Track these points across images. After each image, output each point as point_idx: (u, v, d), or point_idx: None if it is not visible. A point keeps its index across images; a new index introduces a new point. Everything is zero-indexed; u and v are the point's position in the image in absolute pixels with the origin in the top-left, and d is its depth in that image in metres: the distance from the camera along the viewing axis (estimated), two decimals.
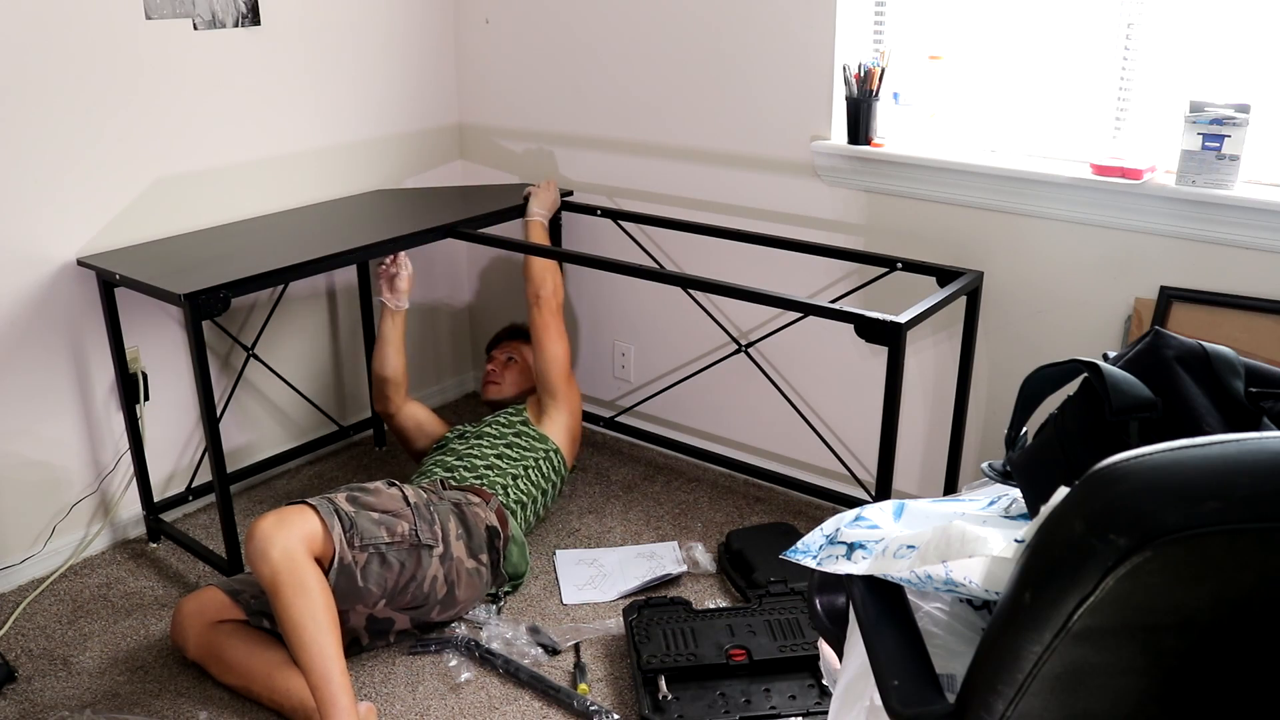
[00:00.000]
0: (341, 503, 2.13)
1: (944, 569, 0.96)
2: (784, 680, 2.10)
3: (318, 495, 2.14)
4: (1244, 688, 0.81)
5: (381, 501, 2.18)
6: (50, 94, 2.37)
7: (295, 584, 1.95)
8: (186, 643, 2.17)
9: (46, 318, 2.48)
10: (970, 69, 2.46)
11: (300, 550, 1.98)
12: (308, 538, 2.01)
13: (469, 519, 2.29)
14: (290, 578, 1.95)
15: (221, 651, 2.12)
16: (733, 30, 2.68)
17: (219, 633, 2.15)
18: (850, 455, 2.81)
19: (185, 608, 2.19)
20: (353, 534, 2.07)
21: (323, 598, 1.97)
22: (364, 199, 3.04)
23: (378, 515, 2.14)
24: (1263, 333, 2.11)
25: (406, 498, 2.23)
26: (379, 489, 2.23)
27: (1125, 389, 1.00)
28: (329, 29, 2.90)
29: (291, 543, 1.97)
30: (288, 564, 1.95)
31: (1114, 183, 2.19)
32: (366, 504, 2.16)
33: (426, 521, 2.20)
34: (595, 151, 3.06)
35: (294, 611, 1.94)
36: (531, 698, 2.14)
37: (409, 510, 2.20)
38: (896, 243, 2.57)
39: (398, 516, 2.17)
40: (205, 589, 2.23)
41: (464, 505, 2.32)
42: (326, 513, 2.06)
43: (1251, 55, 2.13)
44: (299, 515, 2.04)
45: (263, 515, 2.03)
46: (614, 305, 3.19)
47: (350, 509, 2.11)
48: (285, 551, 1.96)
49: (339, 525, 2.06)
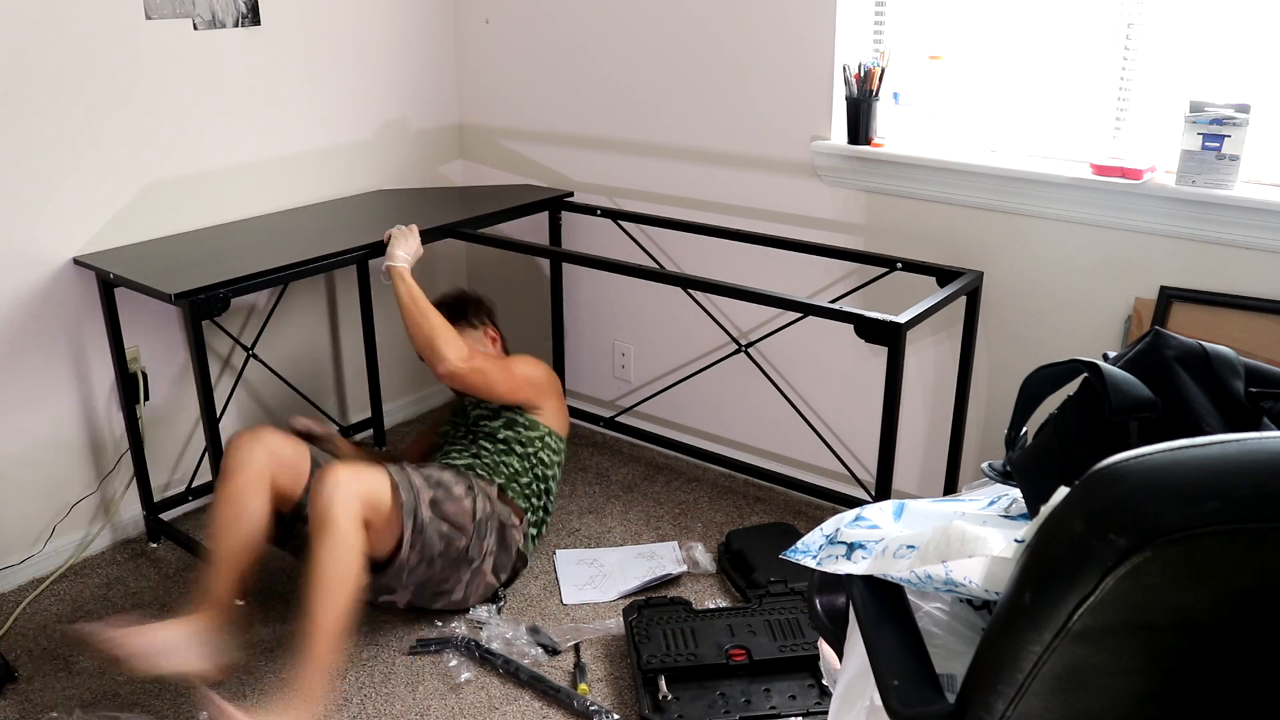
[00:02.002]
0: (424, 504, 2.16)
1: (944, 569, 0.96)
2: (784, 680, 2.10)
3: (405, 471, 2.19)
4: (1244, 688, 0.81)
5: (456, 512, 2.23)
6: (50, 94, 2.37)
7: (347, 542, 1.98)
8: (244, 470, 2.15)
9: (46, 318, 2.48)
10: (970, 69, 2.46)
11: (360, 508, 2.02)
12: (373, 511, 2.06)
13: (508, 541, 2.37)
14: (345, 531, 1.98)
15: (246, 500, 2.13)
16: (733, 30, 2.68)
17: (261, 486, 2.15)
18: (850, 455, 2.81)
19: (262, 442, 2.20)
20: (417, 538, 2.14)
21: (359, 563, 2.00)
22: (364, 199, 3.04)
23: (446, 529, 2.20)
24: (1263, 333, 2.11)
25: (475, 510, 2.27)
26: (460, 497, 2.26)
27: (1125, 389, 1.00)
28: (329, 29, 2.90)
29: (354, 500, 2.01)
30: (350, 522, 1.99)
31: (1114, 183, 2.19)
32: (444, 513, 2.20)
33: (480, 539, 2.27)
34: (595, 151, 3.06)
35: (330, 553, 1.97)
36: (531, 698, 2.14)
37: (471, 526, 2.25)
38: (896, 243, 2.57)
39: (461, 531, 2.23)
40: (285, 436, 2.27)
41: (508, 526, 2.37)
42: (407, 510, 2.12)
43: (1251, 55, 2.13)
44: (373, 484, 2.09)
45: (334, 464, 2.09)
46: (614, 305, 3.18)
47: (428, 515, 2.16)
48: (347, 510, 2.00)
49: (410, 526, 2.12)
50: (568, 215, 3.10)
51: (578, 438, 3.27)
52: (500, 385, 2.50)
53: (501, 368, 2.52)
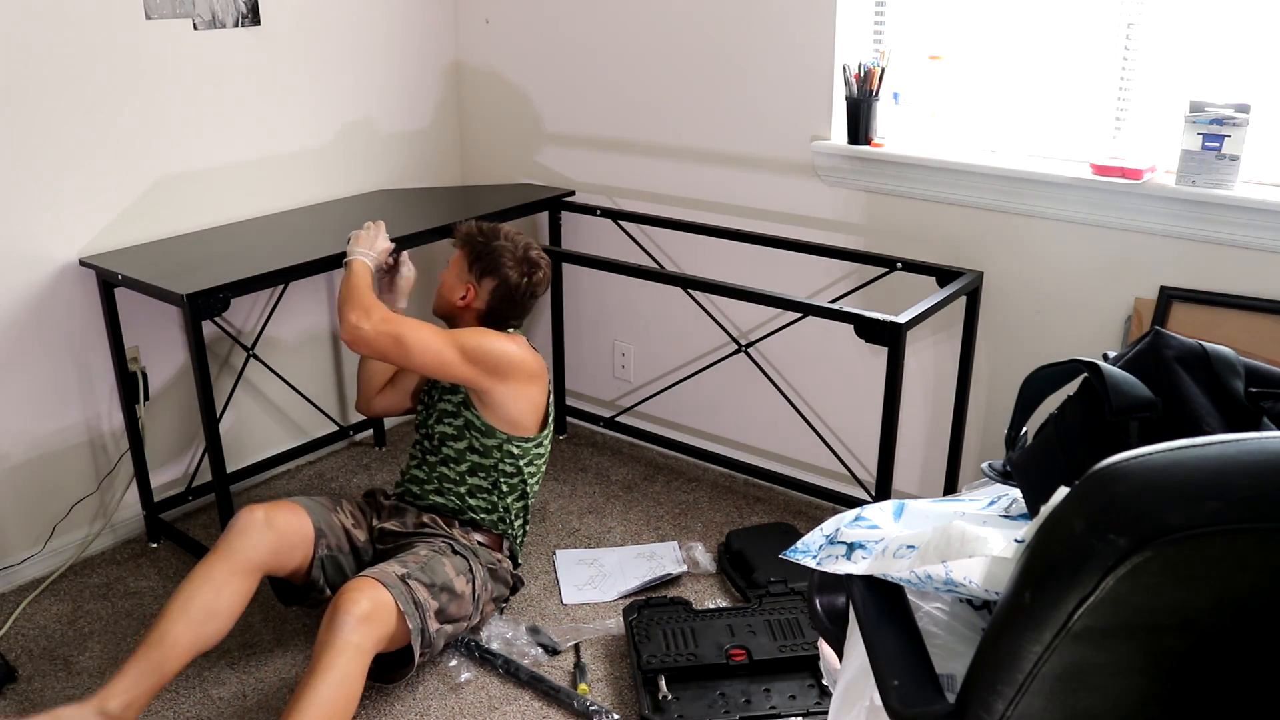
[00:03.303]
0: (430, 618, 2.04)
1: (944, 569, 0.96)
2: (784, 680, 2.10)
3: (409, 589, 2.01)
4: (1244, 688, 0.81)
5: (460, 609, 2.13)
6: (51, 94, 2.37)
7: (352, 669, 1.87)
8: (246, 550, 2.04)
9: (47, 318, 2.48)
10: (970, 69, 2.46)
11: (375, 644, 1.92)
12: (386, 638, 1.96)
13: (500, 575, 2.29)
14: (353, 661, 1.87)
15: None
16: (733, 30, 2.68)
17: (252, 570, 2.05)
18: (850, 455, 2.81)
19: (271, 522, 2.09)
20: (426, 651, 2.04)
21: (354, 698, 1.89)
22: (364, 199, 3.04)
23: (450, 629, 2.12)
24: (1263, 333, 2.11)
25: (474, 590, 2.17)
26: (462, 592, 2.13)
27: (1125, 389, 1.00)
28: (329, 29, 2.90)
29: (371, 635, 1.90)
30: (359, 651, 1.88)
31: (1114, 183, 2.19)
32: (449, 615, 2.10)
33: (479, 607, 2.20)
34: (595, 151, 3.06)
35: (332, 677, 1.85)
36: (531, 698, 2.14)
37: (473, 605, 2.17)
38: (896, 243, 2.57)
39: (464, 617, 2.15)
40: (295, 510, 2.15)
41: (498, 569, 2.28)
42: (415, 633, 2.00)
43: (1251, 55, 2.13)
44: (390, 617, 1.95)
45: (359, 586, 1.94)
46: (614, 305, 3.18)
47: (435, 626, 2.05)
48: (361, 642, 1.89)
49: (419, 644, 2.01)
50: (568, 215, 3.10)
51: (577, 437, 3.27)
52: (423, 355, 2.14)
53: (433, 334, 2.16)
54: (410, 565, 2.07)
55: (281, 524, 2.10)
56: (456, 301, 2.32)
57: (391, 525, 2.27)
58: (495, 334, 2.25)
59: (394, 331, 2.13)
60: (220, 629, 1.99)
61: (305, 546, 2.14)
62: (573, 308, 3.25)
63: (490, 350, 2.20)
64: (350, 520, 2.26)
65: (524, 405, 2.27)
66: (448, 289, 2.34)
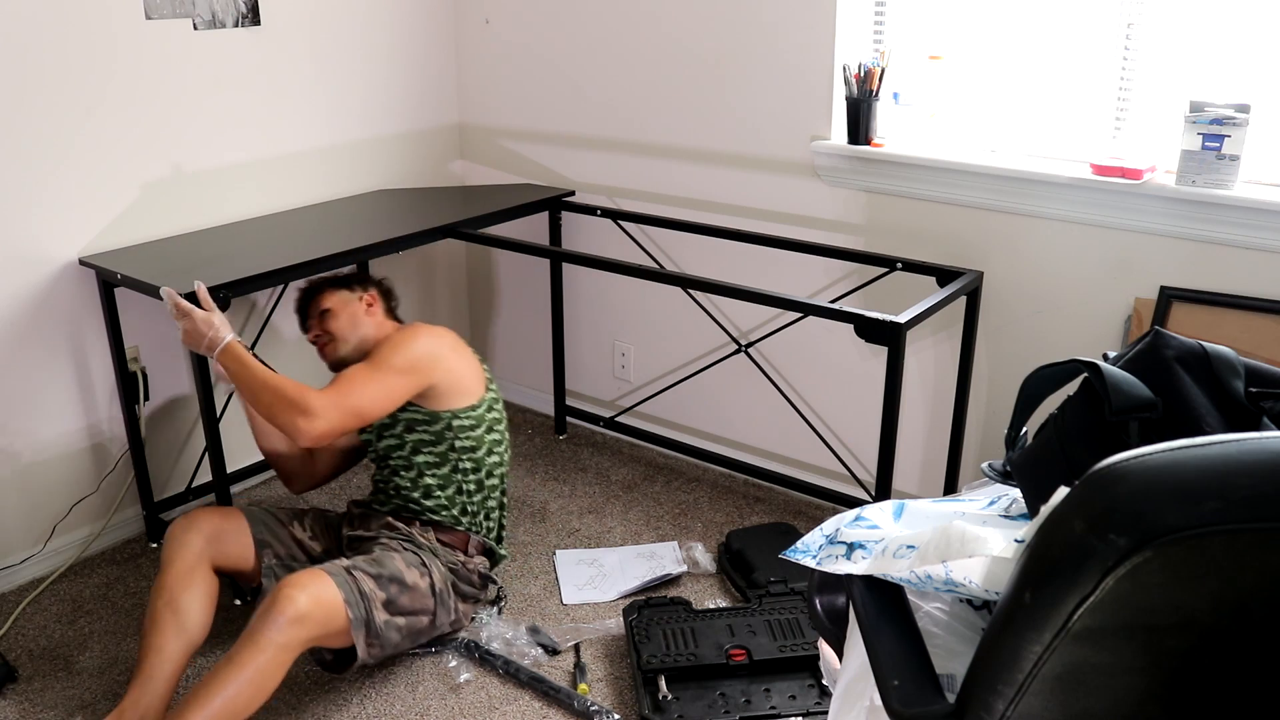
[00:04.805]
0: (377, 608, 2.02)
1: (944, 569, 0.96)
2: (784, 680, 2.10)
3: (354, 579, 2.00)
4: (1244, 688, 0.81)
5: (414, 600, 2.10)
6: (51, 94, 2.37)
7: (270, 666, 1.87)
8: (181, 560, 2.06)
9: (47, 317, 2.48)
10: (970, 69, 2.46)
11: (303, 643, 1.92)
12: (323, 636, 1.96)
13: (463, 574, 2.24)
14: (273, 659, 1.87)
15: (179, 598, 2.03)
16: (732, 30, 2.68)
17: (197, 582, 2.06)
18: (850, 455, 2.81)
19: (196, 526, 2.11)
20: (374, 641, 2.02)
21: (263, 694, 1.88)
22: (364, 199, 3.04)
23: (404, 622, 2.08)
24: (1263, 333, 2.11)
25: (433, 585, 2.15)
26: (415, 584, 2.10)
27: (1125, 389, 1.00)
28: (329, 29, 2.90)
29: (301, 635, 1.90)
30: (283, 650, 1.88)
31: (1114, 183, 2.19)
32: (400, 607, 2.07)
33: (443, 604, 2.17)
34: (595, 151, 3.06)
35: (244, 673, 1.85)
36: (531, 698, 2.14)
37: (433, 600, 2.14)
38: (896, 243, 2.57)
39: (423, 611, 2.13)
40: (229, 512, 2.18)
41: (464, 566, 2.24)
42: (356, 624, 1.98)
43: (1251, 55, 2.13)
44: (331, 612, 1.94)
45: (300, 582, 1.92)
46: (614, 305, 3.18)
47: (383, 618, 2.03)
48: (288, 642, 1.88)
49: (363, 636, 2.00)
50: (568, 215, 3.10)
51: (577, 437, 3.27)
52: (376, 406, 2.09)
53: (368, 379, 2.09)
54: (357, 560, 2.09)
55: (202, 519, 2.13)
56: (364, 316, 2.30)
57: (359, 531, 2.28)
58: (403, 336, 2.21)
59: (348, 407, 2.05)
60: (198, 623, 2.03)
61: (241, 535, 2.16)
62: (573, 308, 3.25)
63: (414, 353, 2.17)
64: (308, 534, 2.27)
65: (459, 377, 2.24)
66: (350, 325, 2.28)
